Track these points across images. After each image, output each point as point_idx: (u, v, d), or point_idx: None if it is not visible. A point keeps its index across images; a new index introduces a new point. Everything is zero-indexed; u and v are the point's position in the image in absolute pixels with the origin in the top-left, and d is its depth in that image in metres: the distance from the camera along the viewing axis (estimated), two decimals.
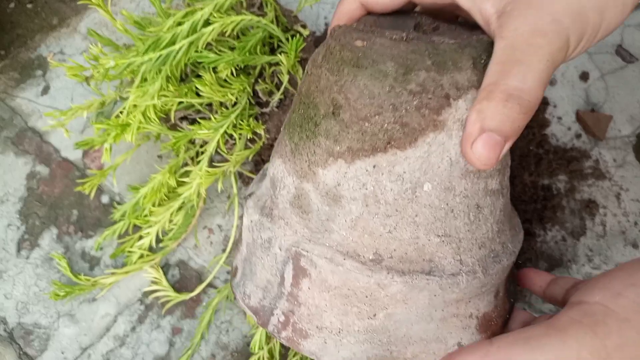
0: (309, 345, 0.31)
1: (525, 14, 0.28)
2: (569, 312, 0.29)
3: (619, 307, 0.28)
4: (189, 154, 0.53)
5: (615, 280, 0.29)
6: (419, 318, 0.30)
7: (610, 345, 0.27)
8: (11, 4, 0.67)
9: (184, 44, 0.46)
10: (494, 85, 0.28)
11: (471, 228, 0.32)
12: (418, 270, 0.30)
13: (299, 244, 0.32)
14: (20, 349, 0.54)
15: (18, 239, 0.58)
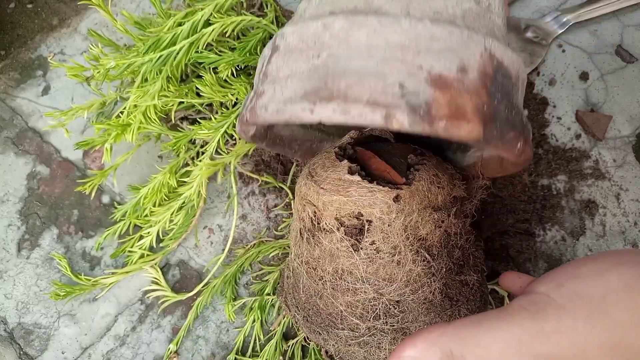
0: (261, 102, 0.34)
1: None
2: (518, 300, 0.32)
3: (559, 296, 0.30)
4: (189, 154, 0.53)
5: (561, 272, 0.32)
6: (358, 54, 0.32)
7: (548, 330, 0.30)
8: (11, 4, 0.67)
9: (185, 44, 0.47)
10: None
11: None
12: (361, 11, 0.33)
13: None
14: (20, 349, 0.54)
15: (18, 239, 0.58)
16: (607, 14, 0.61)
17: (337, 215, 0.39)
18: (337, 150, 0.42)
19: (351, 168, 0.39)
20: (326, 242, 0.39)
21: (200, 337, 0.54)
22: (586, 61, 0.59)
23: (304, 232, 0.42)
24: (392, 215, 0.38)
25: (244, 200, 0.57)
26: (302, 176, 0.43)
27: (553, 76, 0.59)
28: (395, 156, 0.42)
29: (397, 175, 0.40)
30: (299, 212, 0.42)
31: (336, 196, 0.38)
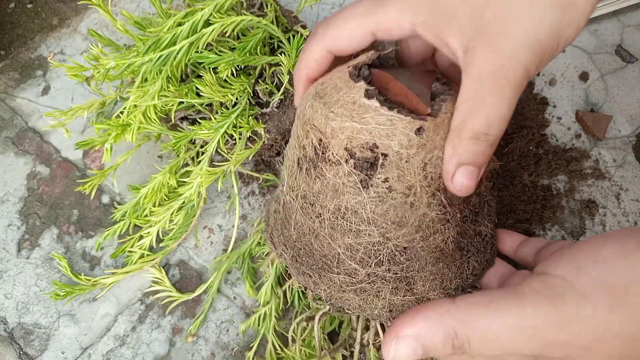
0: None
1: (486, 52, 0.31)
2: (531, 282, 0.30)
3: (579, 282, 0.29)
4: (189, 154, 0.53)
5: (579, 254, 0.30)
6: None
7: (566, 318, 0.28)
8: (11, 4, 0.67)
9: (184, 44, 0.47)
10: (463, 124, 0.32)
11: None
12: None
13: None
14: (20, 349, 0.54)
15: (18, 239, 0.58)
16: (607, 14, 0.61)
17: (347, 145, 0.34)
18: (351, 69, 0.36)
19: (368, 91, 0.35)
20: (330, 176, 0.35)
21: (200, 337, 0.54)
22: (586, 61, 0.59)
23: (303, 162, 0.37)
24: (412, 150, 0.34)
25: (244, 200, 0.57)
26: (308, 96, 0.38)
27: (553, 76, 0.59)
28: (418, 82, 0.37)
29: (421, 104, 0.35)
30: (300, 139, 0.38)
31: (349, 122, 0.34)
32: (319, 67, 0.39)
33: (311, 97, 0.37)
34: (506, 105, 0.31)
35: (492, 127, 0.32)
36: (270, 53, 0.53)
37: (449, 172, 0.34)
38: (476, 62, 0.31)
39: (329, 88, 0.36)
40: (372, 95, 0.35)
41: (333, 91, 0.36)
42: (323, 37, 0.37)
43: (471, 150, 0.33)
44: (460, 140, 0.33)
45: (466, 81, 0.32)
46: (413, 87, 0.36)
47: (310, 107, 0.37)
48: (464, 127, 0.32)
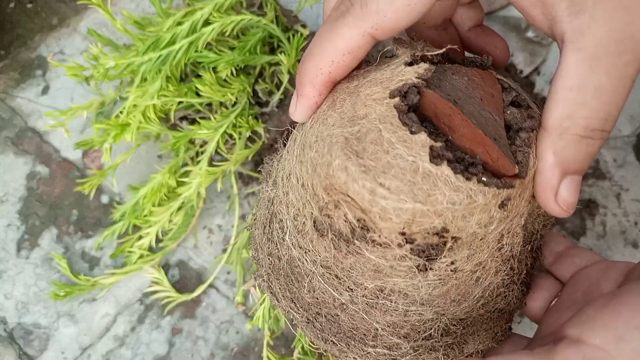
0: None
1: (614, 16, 0.23)
2: (566, 352, 0.26)
3: (621, 354, 0.25)
4: (188, 154, 0.53)
5: (618, 319, 0.25)
6: None
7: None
8: (11, 4, 0.67)
9: (184, 43, 0.46)
10: (570, 119, 0.24)
11: None
12: None
13: None
14: (20, 349, 0.54)
15: (18, 239, 0.58)
16: None
17: (404, 230, 0.26)
18: (398, 102, 0.26)
19: (435, 150, 0.25)
20: (373, 257, 0.27)
21: (200, 338, 0.54)
22: None
23: (326, 231, 0.28)
24: (492, 226, 0.26)
25: (243, 200, 0.57)
26: (336, 146, 0.26)
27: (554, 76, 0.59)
28: (483, 106, 0.28)
29: (506, 161, 0.26)
30: (319, 201, 0.28)
31: (410, 204, 0.25)
32: (352, 62, 0.28)
33: (341, 148, 0.26)
34: (628, 87, 0.24)
35: (610, 119, 0.24)
36: (270, 52, 0.53)
37: (552, 187, 0.26)
38: (593, 29, 0.23)
39: (368, 135, 0.26)
40: (440, 155, 0.25)
41: (376, 145, 0.25)
42: (366, 14, 0.26)
43: (582, 155, 0.25)
44: (565, 142, 0.25)
45: (572, 57, 0.24)
46: (483, 122, 0.27)
47: (342, 169, 0.26)
48: (572, 123, 0.24)
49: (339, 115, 0.28)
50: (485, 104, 0.28)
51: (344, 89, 0.29)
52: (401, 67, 0.28)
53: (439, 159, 0.25)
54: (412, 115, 0.26)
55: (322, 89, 0.30)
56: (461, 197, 0.25)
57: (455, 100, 0.27)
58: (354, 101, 0.27)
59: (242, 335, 0.53)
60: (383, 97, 0.26)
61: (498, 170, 0.26)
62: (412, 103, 0.26)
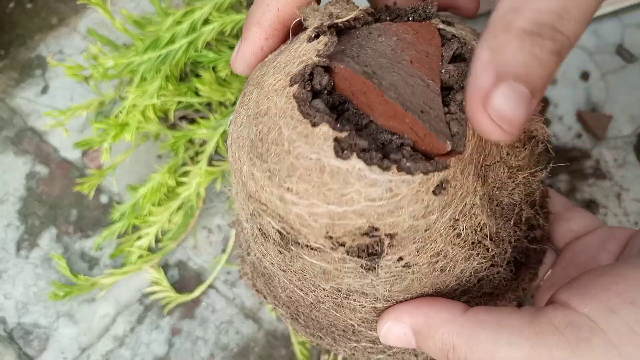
0: None
1: None
2: (551, 315, 0.25)
3: (610, 327, 0.23)
4: (188, 153, 0.53)
5: (612, 291, 0.24)
6: None
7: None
8: (11, 4, 0.67)
9: (184, 43, 0.46)
10: (515, 12, 0.19)
11: None
12: None
13: None
14: (19, 349, 0.54)
15: (18, 239, 0.58)
16: (607, 14, 0.60)
17: (329, 234, 0.23)
18: (297, 90, 0.22)
19: (340, 143, 0.21)
20: (314, 261, 0.25)
21: (199, 338, 0.53)
22: (587, 61, 0.59)
23: (266, 237, 0.26)
24: (434, 215, 0.23)
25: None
26: (242, 150, 0.24)
27: (554, 76, 0.59)
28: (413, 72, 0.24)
29: (434, 137, 0.22)
30: (248, 209, 0.26)
31: (322, 207, 0.22)
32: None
33: (245, 151, 0.24)
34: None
35: (566, 17, 0.20)
36: None
37: (481, 91, 0.20)
38: None
39: (269, 135, 0.23)
40: (350, 146, 0.21)
41: (277, 145, 0.22)
42: None
43: (525, 56, 0.19)
44: (507, 37, 0.19)
45: None
46: (408, 93, 0.23)
47: (250, 176, 0.23)
48: (518, 15, 0.19)
49: (246, 112, 0.25)
50: (416, 66, 0.24)
51: (253, 79, 0.26)
52: (303, 45, 0.24)
53: (348, 150, 0.21)
54: (317, 102, 0.22)
55: (270, 30, 0.26)
56: (380, 191, 0.21)
57: (374, 71, 0.23)
58: (258, 94, 0.24)
59: (242, 335, 0.53)
60: (284, 85, 0.23)
61: (428, 149, 0.22)
62: (321, 86, 0.23)
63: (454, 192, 0.23)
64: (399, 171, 0.21)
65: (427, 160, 0.22)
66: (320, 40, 0.23)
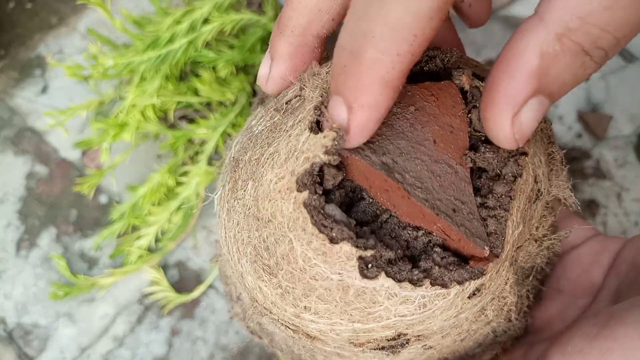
0: None
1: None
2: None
3: None
4: (188, 153, 0.53)
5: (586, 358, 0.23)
6: None
7: None
8: (11, 4, 0.67)
9: (183, 43, 0.46)
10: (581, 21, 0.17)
11: None
12: None
13: None
14: (19, 349, 0.54)
15: (17, 239, 0.58)
16: None
17: (351, 341, 0.22)
18: (307, 197, 0.19)
19: (365, 260, 0.19)
20: (329, 349, 0.23)
21: (199, 339, 0.53)
22: None
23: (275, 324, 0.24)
24: (463, 314, 0.22)
25: None
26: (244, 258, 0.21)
27: None
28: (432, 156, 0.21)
29: (470, 245, 0.20)
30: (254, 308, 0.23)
31: (346, 324, 0.20)
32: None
33: (248, 259, 0.21)
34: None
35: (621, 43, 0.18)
36: None
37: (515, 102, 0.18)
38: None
39: (278, 248, 0.20)
40: (373, 260, 0.19)
41: (289, 263, 0.19)
42: None
43: (571, 75, 0.18)
44: (562, 49, 0.18)
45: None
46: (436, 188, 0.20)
47: (257, 288, 0.21)
48: (582, 26, 0.17)
49: (242, 208, 0.22)
50: (441, 147, 0.21)
51: (245, 161, 0.22)
52: (305, 134, 0.20)
53: (374, 265, 0.19)
54: (331, 208, 0.19)
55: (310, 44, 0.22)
56: (412, 308, 0.19)
57: (394, 160, 0.20)
58: (256, 190, 0.21)
59: (242, 336, 0.53)
60: (289, 188, 0.20)
61: (461, 250, 0.20)
62: (334, 184, 0.20)
63: (487, 291, 0.21)
64: (432, 285, 0.19)
65: (462, 267, 0.20)
66: (327, 135, 0.19)
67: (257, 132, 0.23)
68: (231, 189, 0.23)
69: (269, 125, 0.23)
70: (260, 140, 0.23)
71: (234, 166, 0.23)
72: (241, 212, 0.22)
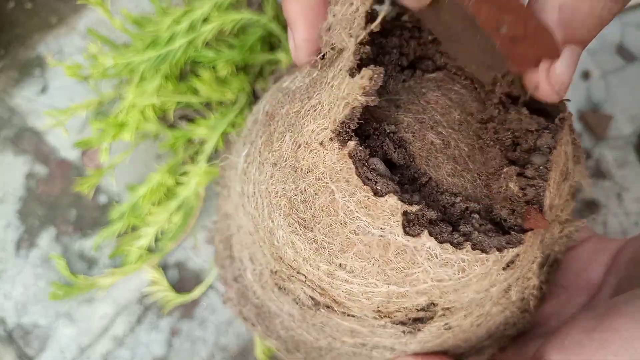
0: None
1: None
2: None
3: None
4: (187, 153, 0.53)
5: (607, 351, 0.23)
6: None
7: None
8: (11, 4, 0.67)
9: (183, 42, 0.46)
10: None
11: None
12: None
13: None
14: (19, 349, 0.54)
15: (17, 239, 0.58)
16: None
17: (379, 309, 0.21)
18: (353, 147, 0.19)
19: (409, 216, 0.18)
20: (345, 323, 0.23)
21: (199, 339, 0.53)
22: (587, 60, 0.59)
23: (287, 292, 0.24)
24: (494, 288, 0.21)
25: None
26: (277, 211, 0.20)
27: None
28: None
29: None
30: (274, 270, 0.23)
31: (381, 287, 0.19)
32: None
33: (281, 213, 0.20)
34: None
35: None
36: (270, 51, 0.53)
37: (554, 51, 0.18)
38: None
39: (317, 199, 0.19)
40: (415, 219, 0.18)
41: (329, 215, 0.19)
42: None
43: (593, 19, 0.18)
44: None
45: None
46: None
47: (288, 243, 0.20)
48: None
49: (278, 160, 0.21)
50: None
51: (282, 115, 0.22)
52: (345, 81, 0.20)
53: (418, 226, 0.18)
54: (375, 162, 0.19)
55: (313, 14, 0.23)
56: (450, 272, 0.19)
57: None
58: (296, 141, 0.20)
59: (242, 336, 0.53)
60: (332, 138, 0.19)
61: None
62: (396, 152, 0.20)
63: (519, 264, 0.21)
64: (473, 249, 0.19)
65: (501, 234, 0.20)
66: (364, 74, 0.19)
67: (294, 87, 0.23)
68: (265, 142, 0.22)
69: (308, 82, 0.23)
70: (299, 94, 0.22)
71: (268, 120, 0.23)
72: (276, 164, 0.21)
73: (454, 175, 0.19)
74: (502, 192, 0.20)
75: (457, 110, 0.21)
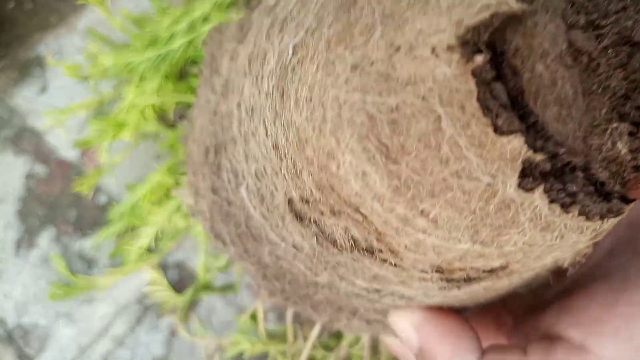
0: None
1: None
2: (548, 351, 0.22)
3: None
4: None
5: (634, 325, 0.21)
6: None
7: None
8: (11, 4, 0.67)
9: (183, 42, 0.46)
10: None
11: None
12: None
13: None
14: (19, 349, 0.54)
15: (17, 239, 0.58)
16: None
17: (441, 266, 0.18)
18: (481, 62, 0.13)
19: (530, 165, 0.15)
20: (376, 269, 0.19)
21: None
22: None
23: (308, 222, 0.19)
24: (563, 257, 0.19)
25: None
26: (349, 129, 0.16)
27: None
28: None
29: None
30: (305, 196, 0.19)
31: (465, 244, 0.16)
32: None
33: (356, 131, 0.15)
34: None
35: None
36: None
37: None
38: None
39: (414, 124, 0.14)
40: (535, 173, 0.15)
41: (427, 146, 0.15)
42: None
43: None
44: None
45: None
46: None
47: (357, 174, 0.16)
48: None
49: (361, 61, 0.15)
50: None
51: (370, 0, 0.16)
52: None
53: (534, 180, 0.14)
54: (498, 88, 0.14)
55: None
56: (548, 237, 0.16)
57: None
58: (391, 41, 0.15)
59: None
60: (451, 45, 0.14)
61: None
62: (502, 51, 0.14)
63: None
64: (579, 215, 0.15)
65: (605, 200, 0.16)
66: None
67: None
68: (339, 34, 0.16)
69: None
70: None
71: (344, 3, 0.16)
72: (357, 67, 0.15)
73: (558, 120, 0.15)
74: (603, 151, 0.15)
75: (565, 42, 0.15)
